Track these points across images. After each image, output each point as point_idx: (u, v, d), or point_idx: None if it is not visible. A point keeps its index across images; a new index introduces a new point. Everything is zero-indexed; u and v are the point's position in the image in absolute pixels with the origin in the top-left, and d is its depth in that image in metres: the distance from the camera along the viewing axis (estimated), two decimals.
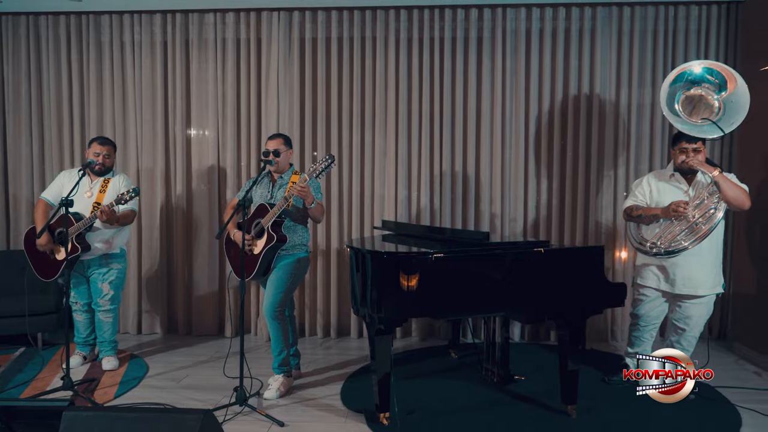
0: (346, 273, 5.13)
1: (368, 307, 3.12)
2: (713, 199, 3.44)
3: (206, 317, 5.19)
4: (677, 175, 3.65)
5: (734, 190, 3.40)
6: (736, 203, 3.40)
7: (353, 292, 3.32)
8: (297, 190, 3.49)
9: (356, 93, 5.03)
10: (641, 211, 3.66)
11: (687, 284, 3.55)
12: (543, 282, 3.14)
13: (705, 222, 3.43)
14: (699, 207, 3.46)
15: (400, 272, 2.95)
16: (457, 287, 2.99)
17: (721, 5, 4.79)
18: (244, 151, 5.12)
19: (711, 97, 3.66)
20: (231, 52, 5.07)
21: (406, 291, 2.96)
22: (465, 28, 4.97)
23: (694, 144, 3.53)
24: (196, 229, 5.16)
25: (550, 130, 4.94)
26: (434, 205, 5.04)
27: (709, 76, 3.68)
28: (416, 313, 3.01)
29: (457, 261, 2.98)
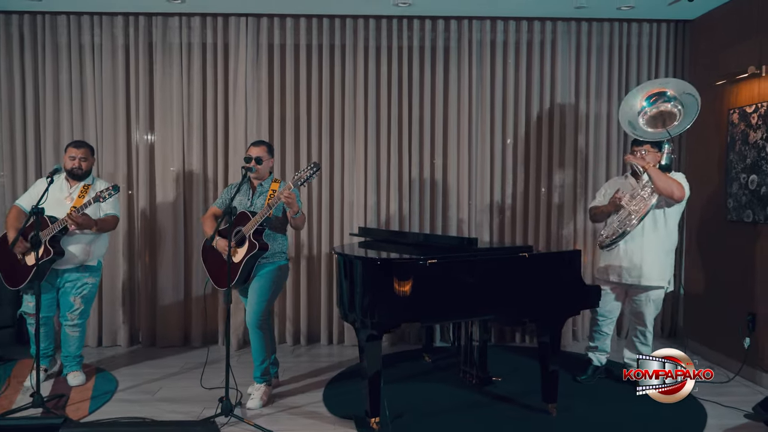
0: (316, 280, 5.14)
1: (359, 313, 3.15)
2: (647, 190, 3.74)
3: (171, 328, 5.06)
4: (629, 176, 3.98)
5: (664, 180, 3.68)
6: (666, 192, 3.67)
7: (341, 298, 3.34)
8: (284, 198, 3.48)
9: (325, 100, 5.05)
10: (596, 209, 4.01)
11: (632, 273, 3.81)
12: (527, 285, 3.27)
13: (637, 211, 3.73)
14: (634, 196, 3.77)
15: (394, 278, 3.00)
16: (449, 292, 3.07)
17: (670, 23, 5.11)
18: (210, 157, 5.04)
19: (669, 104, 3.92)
20: (197, 56, 4.98)
21: (400, 297, 3.01)
22: (432, 38, 5.08)
23: (641, 147, 3.86)
24: (160, 237, 5.02)
25: (515, 138, 5.12)
26: (403, 212, 5.12)
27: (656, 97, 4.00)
28: (409, 318, 3.06)
29: (449, 266, 3.06)
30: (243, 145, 4.98)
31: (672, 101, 3.86)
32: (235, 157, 4.99)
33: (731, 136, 4.29)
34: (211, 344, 5.05)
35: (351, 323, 3.34)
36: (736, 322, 4.23)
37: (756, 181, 4.01)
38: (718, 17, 4.53)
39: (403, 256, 3.17)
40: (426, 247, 3.66)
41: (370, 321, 3.09)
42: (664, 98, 3.89)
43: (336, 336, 5.16)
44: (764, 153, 3.94)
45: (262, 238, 3.68)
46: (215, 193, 5.05)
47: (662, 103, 3.89)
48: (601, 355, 4.10)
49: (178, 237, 5.02)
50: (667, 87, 3.90)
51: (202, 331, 5.10)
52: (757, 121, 4.00)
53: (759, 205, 3.98)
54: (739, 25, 4.28)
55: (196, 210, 5.03)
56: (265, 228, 3.70)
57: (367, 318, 3.10)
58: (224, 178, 5.05)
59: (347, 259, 3.27)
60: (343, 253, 3.32)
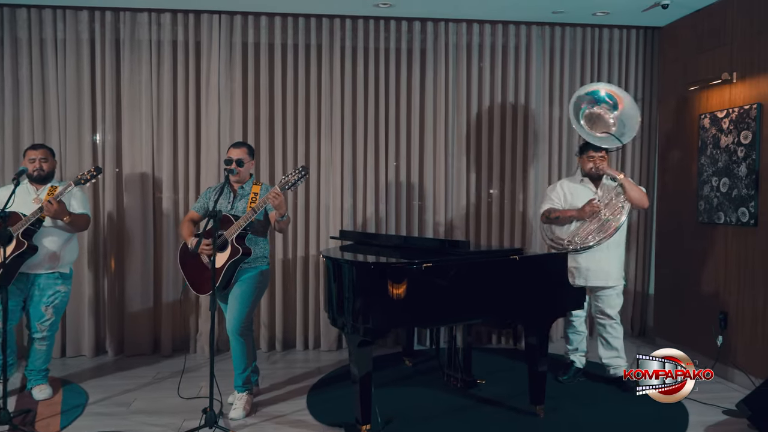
0: (291, 285, 5.04)
1: (350, 318, 3.09)
2: (620, 199, 3.89)
3: (140, 336, 4.86)
4: (586, 180, 4.05)
5: (636, 191, 3.90)
6: (638, 203, 3.89)
7: (329, 302, 3.27)
8: (272, 200, 3.37)
9: (301, 101, 4.95)
10: (558, 213, 4.01)
11: (600, 276, 3.92)
12: (518, 287, 3.28)
13: (614, 220, 3.86)
14: (608, 206, 3.89)
15: (388, 283, 2.95)
16: (443, 296, 3.04)
17: (639, 30, 5.23)
18: (181, 158, 4.87)
19: (608, 115, 4.13)
20: (167, 54, 4.81)
21: (394, 301, 2.96)
22: (409, 39, 5.06)
23: (599, 153, 3.97)
24: (128, 241, 4.83)
25: (490, 141, 5.14)
26: (379, 215, 5.07)
27: (609, 99, 4.17)
28: (403, 323, 3.03)
29: (444, 270, 3.03)
30: (216, 146, 4.84)
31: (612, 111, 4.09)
32: (207, 158, 4.84)
33: (702, 140, 4.42)
34: (182, 352, 4.89)
35: (340, 328, 3.27)
36: (708, 321, 4.36)
37: (728, 184, 4.14)
38: (688, 25, 4.66)
39: (400, 260, 3.11)
40: (412, 250, 3.62)
41: (363, 326, 3.03)
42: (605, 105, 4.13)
43: (312, 341, 5.06)
44: (736, 157, 4.06)
45: (245, 243, 3.57)
46: (186, 196, 4.89)
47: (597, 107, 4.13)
48: (581, 356, 4.15)
49: (147, 241, 4.83)
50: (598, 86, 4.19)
51: (172, 338, 4.92)
52: (729, 126, 4.13)
53: (731, 208, 4.11)
54: (709, 32, 4.41)
55: (166, 213, 4.86)
56: (248, 232, 3.59)
57: (359, 323, 3.04)
58: (196, 180, 4.90)
59: (337, 263, 3.20)
60: (332, 257, 3.24)
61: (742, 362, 4.04)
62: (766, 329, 3.86)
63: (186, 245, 3.70)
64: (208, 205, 3.78)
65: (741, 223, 4.02)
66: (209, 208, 3.76)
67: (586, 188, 4.02)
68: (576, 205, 3.97)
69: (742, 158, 4.01)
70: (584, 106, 4.17)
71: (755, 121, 3.89)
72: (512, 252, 3.32)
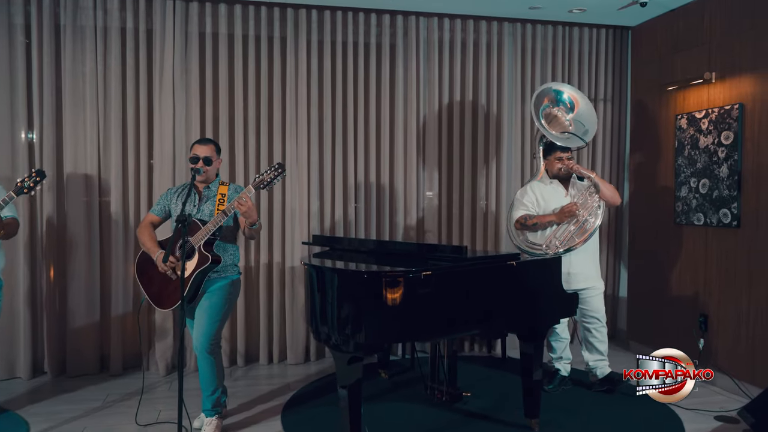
0: (254, 295, 4.68)
1: (337, 332, 2.80)
2: (595, 198, 3.81)
3: (85, 353, 4.39)
4: (555, 182, 3.94)
5: (610, 189, 3.84)
6: (611, 200, 3.83)
7: (312, 315, 2.97)
8: (239, 206, 3.05)
9: (263, 97, 4.61)
10: (535, 219, 3.85)
11: (581, 279, 3.82)
12: (516, 294, 3.08)
13: (592, 219, 3.78)
14: (585, 206, 3.80)
15: (383, 293, 2.68)
16: (442, 306, 2.80)
17: (609, 30, 5.18)
18: (131, 157, 4.43)
19: (563, 117, 4.10)
20: (114, 43, 4.36)
21: (389, 313, 2.70)
22: (377, 33, 4.81)
23: (567, 153, 3.88)
24: (71, 248, 4.35)
25: (462, 140, 4.95)
26: (348, 218, 4.79)
27: (568, 102, 4.14)
28: (400, 337, 2.77)
29: (444, 278, 2.79)
30: (170, 145, 4.44)
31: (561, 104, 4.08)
32: (161, 157, 4.43)
33: (679, 140, 4.37)
34: (133, 370, 4.46)
35: (325, 343, 2.97)
36: (685, 324, 4.32)
37: (708, 185, 4.10)
38: (662, 24, 4.62)
39: (395, 269, 2.85)
40: (399, 256, 3.37)
41: (353, 342, 2.75)
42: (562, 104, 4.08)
43: (277, 354, 4.72)
44: (716, 158, 4.03)
45: (213, 250, 3.22)
46: (137, 199, 4.46)
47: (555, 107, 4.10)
48: (566, 364, 4.01)
49: (93, 248, 4.37)
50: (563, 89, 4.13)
51: (122, 355, 4.47)
52: (708, 127, 4.09)
53: (711, 209, 4.07)
54: (685, 32, 4.37)
55: (115, 218, 4.41)
56: (217, 238, 3.24)
57: (349, 338, 2.76)
58: (148, 182, 4.47)
59: (321, 272, 2.90)
60: (317, 266, 2.94)
61: (724, 365, 4.00)
62: (750, 331, 3.83)
63: (146, 254, 3.32)
64: (170, 207, 3.40)
65: (723, 224, 3.98)
66: (170, 211, 3.39)
67: (557, 190, 3.91)
68: (549, 208, 3.86)
69: (724, 159, 3.97)
70: (546, 103, 4.11)
71: (737, 122, 3.86)
72: (509, 257, 3.11)
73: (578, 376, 4.12)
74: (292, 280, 4.66)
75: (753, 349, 3.81)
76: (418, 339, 2.87)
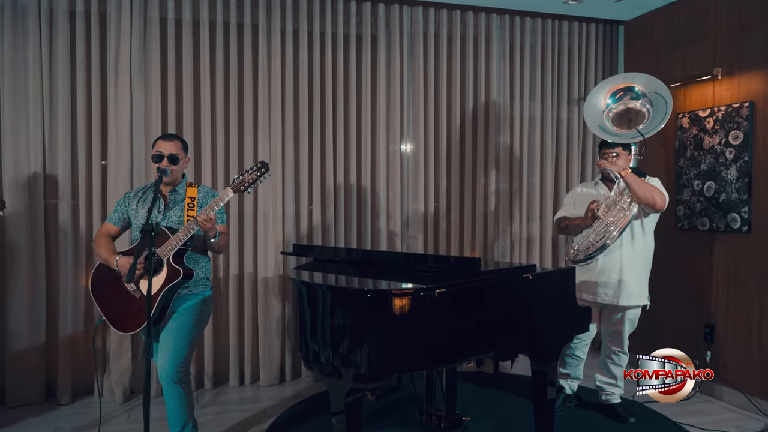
0: (223, 309, 4.23)
1: (334, 360, 2.41)
2: (626, 199, 3.36)
3: (28, 380, 3.84)
4: (600, 183, 3.59)
5: (644, 188, 3.27)
6: (646, 201, 3.27)
7: (303, 340, 2.56)
8: (203, 222, 2.64)
9: (233, 90, 4.16)
10: (567, 222, 3.55)
11: (609, 293, 3.43)
12: (530, 311, 2.74)
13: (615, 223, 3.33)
14: (611, 207, 3.38)
15: (390, 315, 2.29)
16: (455, 327, 2.43)
17: (599, 24, 4.93)
18: (82, 157, 3.92)
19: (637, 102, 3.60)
20: (62, 28, 3.85)
21: (397, 339, 2.32)
22: (358, 23, 4.42)
23: (612, 150, 3.45)
24: (11, 260, 3.80)
25: (449, 139, 4.62)
26: (326, 223, 4.38)
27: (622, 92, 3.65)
28: (407, 365, 2.37)
29: (459, 296, 2.42)
30: (127, 142, 3.95)
31: (640, 98, 3.55)
32: (117, 157, 3.94)
33: (680, 141, 4.14)
34: (84, 397, 3.95)
35: (318, 372, 2.57)
36: (689, 335, 4.08)
37: (714, 188, 3.87)
38: (661, 18, 4.38)
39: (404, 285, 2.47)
40: (398, 268, 2.98)
41: (354, 372, 2.36)
42: (631, 95, 3.57)
43: (248, 374, 4.27)
44: (723, 159, 3.80)
45: (184, 262, 2.78)
46: (89, 202, 3.96)
47: (630, 100, 3.57)
48: (573, 383, 3.70)
49: (37, 258, 3.84)
50: (634, 82, 3.57)
51: (72, 381, 3.95)
52: (714, 126, 3.86)
53: (717, 213, 3.84)
54: (686, 26, 4.14)
55: (63, 224, 3.89)
56: (188, 249, 2.80)
57: (348, 367, 2.37)
58: (102, 183, 3.98)
59: (312, 290, 2.50)
60: (307, 282, 2.54)
61: (733, 380, 3.77)
62: (762, 343, 3.61)
63: (103, 267, 2.85)
64: (128, 215, 2.94)
65: (731, 229, 3.75)
66: (130, 218, 2.93)
67: (597, 191, 3.55)
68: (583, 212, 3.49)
69: (732, 160, 3.74)
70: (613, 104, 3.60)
71: (747, 121, 3.64)
72: (524, 269, 2.77)
73: (583, 393, 3.82)
74: (266, 292, 4.23)
75: (766, 362, 3.58)
76: (428, 367, 2.50)
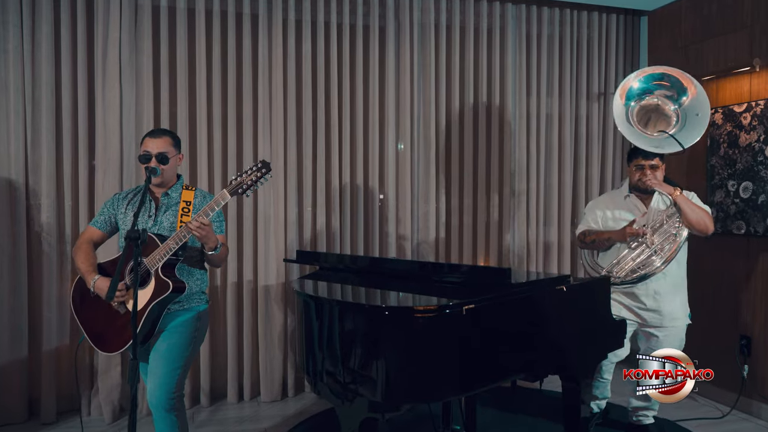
0: (221, 320, 3.94)
1: (343, 387, 2.11)
2: (674, 223, 3.07)
3: (9, 398, 3.54)
4: (633, 196, 3.22)
5: (697, 212, 3.01)
6: (699, 227, 3.01)
7: (310, 361, 2.27)
8: (195, 229, 2.34)
9: (231, 84, 3.87)
10: (594, 236, 3.20)
11: (655, 316, 3.13)
12: (563, 326, 2.45)
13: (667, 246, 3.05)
14: (659, 232, 3.07)
15: (411, 335, 2.00)
16: (483, 348, 2.13)
17: (620, 14, 4.64)
18: (67, 156, 3.63)
19: (668, 106, 3.31)
20: (45, 16, 3.54)
21: (418, 362, 2.02)
22: (365, 13, 4.13)
23: (651, 160, 3.11)
24: None
25: (461, 136, 4.33)
26: (332, 228, 4.09)
27: (661, 81, 3.33)
28: (430, 393, 2.07)
29: (489, 312, 2.13)
30: (117, 139, 3.66)
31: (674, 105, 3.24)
32: (105, 158, 3.65)
33: (712, 138, 3.85)
34: (70, 415, 3.65)
35: (327, 398, 2.28)
36: (722, 347, 3.78)
37: (751, 189, 3.58)
38: (689, 7, 4.10)
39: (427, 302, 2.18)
40: (415, 278, 2.68)
41: (367, 400, 2.06)
42: (669, 93, 3.25)
43: (248, 390, 3.97)
44: (762, 157, 3.51)
45: (175, 274, 2.48)
46: (75, 204, 3.67)
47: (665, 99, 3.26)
48: (601, 402, 3.40)
49: (18, 266, 3.54)
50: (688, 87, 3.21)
51: (56, 398, 3.64)
52: (751, 122, 3.57)
53: (755, 216, 3.55)
54: (719, 15, 3.85)
55: (47, 228, 3.59)
56: (180, 259, 2.50)
57: (362, 394, 2.07)
58: (89, 184, 3.68)
59: (320, 305, 2.21)
60: (314, 296, 2.24)
61: None
62: None
63: (83, 282, 2.55)
64: (116, 219, 2.64)
65: None
66: (118, 223, 2.63)
67: (633, 206, 3.19)
68: (617, 228, 3.15)
69: None
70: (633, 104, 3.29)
71: None
72: (557, 281, 2.47)
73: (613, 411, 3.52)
74: (266, 301, 3.93)
75: None
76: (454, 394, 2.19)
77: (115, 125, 3.65)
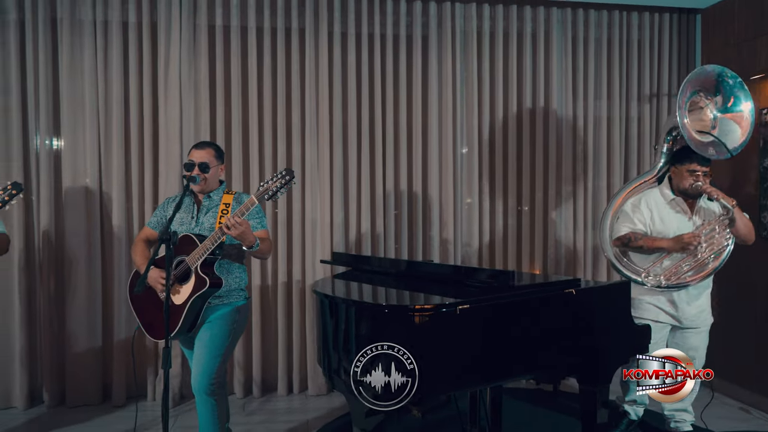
0: (272, 317, 4.19)
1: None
2: (725, 234, 3.02)
3: (86, 382, 3.96)
4: (678, 199, 3.14)
5: (749, 225, 3.02)
6: (747, 239, 3.03)
7: (325, 353, 2.44)
8: (231, 225, 2.55)
9: (280, 96, 4.12)
10: (643, 242, 3.09)
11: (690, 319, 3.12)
12: (575, 330, 2.50)
13: (713, 259, 3.03)
14: (710, 241, 3.01)
15: (411, 332, 2.13)
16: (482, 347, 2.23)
17: (673, 14, 4.52)
18: (135, 166, 4.00)
19: (709, 111, 3.23)
20: (116, 39, 3.93)
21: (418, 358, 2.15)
22: (408, 23, 4.27)
23: (705, 167, 3.05)
24: (70, 266, 3.93)
25: (505, 142, 4.38)
26: (376, 231, 4.26)
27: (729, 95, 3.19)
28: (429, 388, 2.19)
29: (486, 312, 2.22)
30: (178, 150, 3.99)
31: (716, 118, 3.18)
32: (167, 165, 3.98)
33: (765, 139, 3.70)
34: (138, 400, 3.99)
35: (337, 388, 2.45)
36: None
37: None
38: (743, 3, 3.94)
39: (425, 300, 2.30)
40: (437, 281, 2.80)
41: (371, 393, 2.20)
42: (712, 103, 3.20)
43: (297, 384, 4.21)
44: None
45: (213, 271, 2.73)
46: (142, 211, 4.03)
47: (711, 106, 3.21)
48: (639, 408, 3.35)
49: (94, 266, 3.94)
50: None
51: (126, 384, 4.02)
52: None
53: None
54: None
55: (118, 232, 3.97)
56: (218, 257, 2.74)
57: (366, 388, 2.21)
58: (153, 191, 4.03)
59: (333, 303, 2.37)
60: (327, 294, 2.41)
61: None
62: None
63: (138, 274, 2.85)
64: (165, 219, 2.93)
65: None
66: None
67: (677, 210, 3.13)
68: (666, 232, 3.08)
69: None
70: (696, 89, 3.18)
71: None
72: (566, 284, 2.52)
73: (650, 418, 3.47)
74: (314, 300, 4.15)
75: None
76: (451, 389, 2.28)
77: (176, 136, 3.98)
